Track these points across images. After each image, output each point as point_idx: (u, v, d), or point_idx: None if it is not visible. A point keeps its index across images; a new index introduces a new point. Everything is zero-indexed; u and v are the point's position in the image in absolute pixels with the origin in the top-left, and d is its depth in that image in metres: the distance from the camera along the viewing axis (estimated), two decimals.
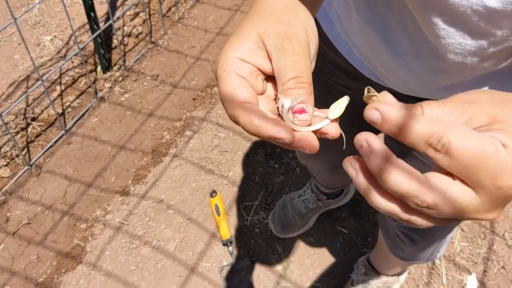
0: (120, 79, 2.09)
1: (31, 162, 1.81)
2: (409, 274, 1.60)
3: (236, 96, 0.40)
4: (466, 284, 1.59)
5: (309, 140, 0.40)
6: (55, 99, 2.01)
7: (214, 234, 1.69)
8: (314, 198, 1.63)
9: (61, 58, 2.15)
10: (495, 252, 1.65)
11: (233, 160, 1.86)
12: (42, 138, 1.90)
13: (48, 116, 1.95)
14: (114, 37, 2.19)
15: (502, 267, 1.62)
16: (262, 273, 1.62)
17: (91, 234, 1.68)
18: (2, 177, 1.78)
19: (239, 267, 1.61)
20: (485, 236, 1.68)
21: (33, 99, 2.00)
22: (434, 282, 1.59)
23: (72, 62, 2.13)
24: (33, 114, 1.95)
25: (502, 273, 1.61)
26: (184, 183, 1.80)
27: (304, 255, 1.66)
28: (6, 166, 1.81)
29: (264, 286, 1.59)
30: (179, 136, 1.93)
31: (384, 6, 0.66)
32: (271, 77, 0.44)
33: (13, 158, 1.83)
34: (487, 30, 0.53)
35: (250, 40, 0.43)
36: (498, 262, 1.63)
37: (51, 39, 2.23)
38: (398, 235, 1.13)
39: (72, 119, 1.95)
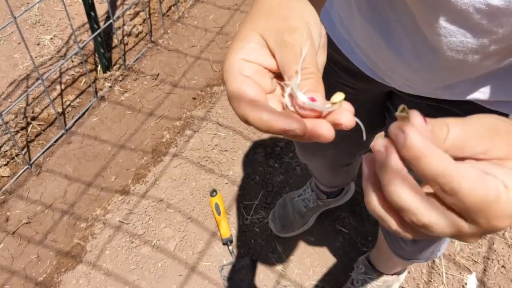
0: (120, 79, 2.09)
1: (31, 162, 1.81)
2: (409, 273, 1.60)
3: (243, 94, 0.40)
4: (466, 283, 1.59)
5: (322, 127, 0.39)
6: (55, 99, 2.01)
7: (214, 233, 1.69)
8: (314, 197, 1.63)
9: (61, 57, 2.15)
10: (495, 251, 1.65)
11: (233, 159, 1.86)
12: (42, 137, 1.90)
13: (48, 115, 1.95)
14: (114, 36, 2.19)
15: (502, 266, 1.62)
16: (262, 272, 1.62)
17: (91, 234, 1.68)
18: (2, 176, 1.78)
19: (239, 266, 1.61)
20: (485, 235, 1.68)
21: (33, 98, 2.00)
22: (434, 281, 1.59)
23: (72, 62, 2.13)
24: (33, 113, 1.95)
25: (502, 272, 1.61)
26: (184, 182, 1.80)
27: (304, 254, 1.66)
28: (6, 165, 1.81)
29: (264, 285, 1.59)
30: (179, 135, 1.93)
31: (385, 5, 0.66)
32: (281, 76, 0.44)
33: (13, 158, 1.83)
34: (489, 28, 0.53)
35: (252, 40, 0.43)
36: (498, 261, 1.63)
37: (51, 38, 2.23)
38: None
39: (72, 119, 1.95)
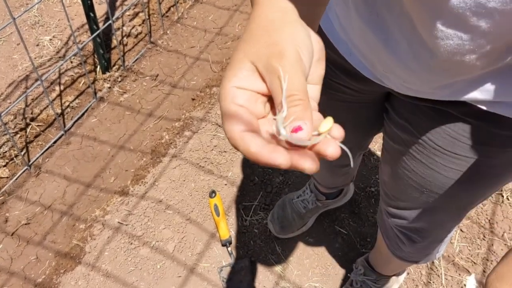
0: (119, 79, 2.09)
1: (30, 163, 1.81)
2: (408, 274, 1.60)
3: (233, 126, 0.41)
4: (465, 284, 1.59)
5: (305, 162, 0.40)
6: (54, 99, 2.01)
7: (213, 235, 1.69)
8: (313, 198, 1.62)
9: (60, 58, 2.15)
10: (494, 252, 1.65)
11: (232, 160, 1.86)
12: (41, 138, 1.90)
13: (47, 116, 1.95)
14: (114, 37, 2.19)
15: None
16: (261, 273, 1.62)
17: (90, 235, 1.68)
18: (1, 177, 1.78)
19: (238, 268, 1.60)
20: (484, 236, 1.68)
21: (32, 99, 2.00)
22: (433, 282, 1.59)
23: (71, 62, 2.13)
24: (32, 114, 1.95)
25: None
26: (183, 184, 1.80)
27: (303, 256, 1.66)
28: (5, 166, 1.81)
29: (263, 287, 1.59)
30: (178, 136, 1.93)
31: (382, 7, 0.66)
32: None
33: (12, 159, 1.83)
34: (486, 29, 0.53)
35: (243, 67, 0.44)
36: (497, 262, 1.63)
37: (50, 39, 2.23)
38: (397, 235, 1.12)
39: (71, 119, 1.95)
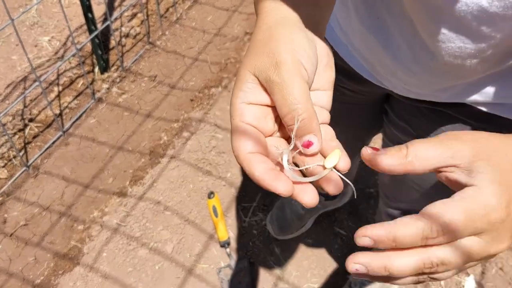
0: (117, 80, 2.09)
1: (29, 163, 1.81)
2: None
3: (240, 146, 0.41)
4: (464, 285, 1.59)
5: (306, 195, 0.41)
6: (53, 100, 2.00)
7: (211, 236, 1.69)
8: None
9: (58, 59, 2.15)
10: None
11: (230, 161, 1.86)
12: (39, 139, 1.90)
13: (45, 117, 1.95)
14: (112, 38, 2.19)
15: (500, 269, 1.62)
16: (260, 274, 1.62)
17: (88, 236, 1.67)
18: (0, 178, 1.78)
19: (237, 269, 1.60)
20: None
21: (30, 100, 2.00)
22: (432, 283, 1.59)
23: (69, 63, 2.13)
24: (30, 115, 1.95)
25: (500, 274, 1.61)
26: (181, 185, 1.80)
27: (302, 257, 1.66)
28: (3, 167, 1.80)
29: None
30: (177, 137, 1.92)
31: (382, 10, 0.66)
32: None
33: (10, 159, 1.83)
34: (488, 33, 0.54)
35: (248, 81, 0.43)
36: (496, 263, 1.63)
37: (49, 40, 2.23)
38: None
39: (69, 120, 1.95)
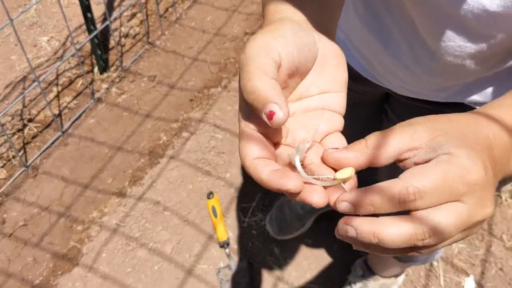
0: (117, 80, 2.08)
1: (28, 164, 1.80)
2: (406, 276, 1.60)
3: (246, 155, 0.41)
4: (464, 286, 1.59)
5: (314, 196, 0.40)
6: (52, 100, 2.00)
7: (211, 236, 1.68)
8: None
9: (58, 59, 2.15)
10: (493, 254, 1.65)
11: (230, 161, 1.86)
12: (38, 139, 1.89)
13: (44, 117, 1.95)
14: (111, 38, 2.18)
15: (500, 269, 1.61)
16: (260, 275, 1.62)
17: (88, 236, 1.67)
18: None
19: (237, 269, 1.60)
20: (483, 238, 1.68)
21: (29, 100, 2.00)
22: (431, 284, 1.59)
23: (69, 63, 2.13)
24: (29, 115, 1.95)
25: (500, 275, 1.61)
26: (181, 185, 1.80)
27: (301, 257, 1.66)
28: (2, 167, 1.80)
29: None
30: (176, 137, 1.92)
31: (382, 9, 0.66)
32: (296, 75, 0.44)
33: (9, 160, 1.82)
34: (488, 33, 0.54)
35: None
36: (496, 264, 1.63)
37: (48, 40, 2.22)
38: None
39: (69, 120, 1.94)
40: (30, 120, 1.93)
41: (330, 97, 0.45)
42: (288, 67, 0.42)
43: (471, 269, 1.62)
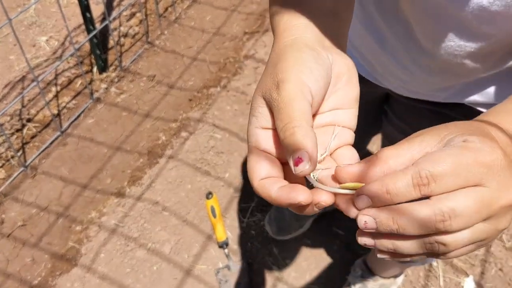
0: (116, 80, 2.08)
1: (27, 164, 1.80)
2: (406, 276, 1.59)
3: (254, 175, 0.42)
4: (463, 286, 1.58)
5: (323, 194, 0.40)
6: (51, 100, 2.00)
7: (210, 236, 1.68)
8: None
9: (57, 58, 2.14)
10: (493, 254, 1.64)
11: (229, 161, 1.85)
12: (37, 139, 1.89)
13: (43, 117, 1.94)
14: (110, 37, 2.18)
15: (500, 269, 1.61)
16: (259, 275, 1.61)
17: (86, 236, 1.67)
18: None
19: (235, 270, 1.60)
20: None
21: (28, 100, 1.99)
22: (431, 284, 1.59)
23: (68, 63, 2.12)
24: (28, 115, 1.94)
25: (499, 275, 1.60)
26: (180, 185, 1.79)
27: (300, 257, 1.65)
28: (1, 167, 1.80)
29: None
30: (175, 137, 1.92)
31: (375, 14, 0.66)
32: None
33: (8, 160, 1.82)
34: (488, 32, 0.53)
35: (259, 105, 0.44)
36: (495, 264, 1.62)
37: (47, 40, 2.22)
38: None
39: (67, 120, 1.94)
40: (29, 120, 1.93)
41: (340, 113, 0.46)
42: (316, 104, 0.43)
43: (471, 269, 1.62)
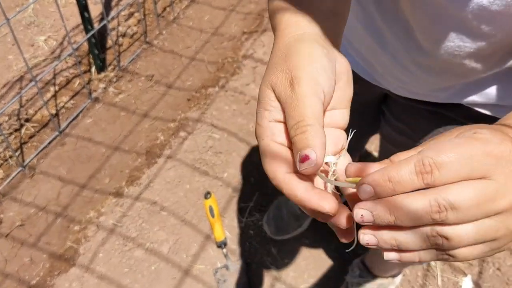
0: (114, 80, 2.08)
1: (25, 164, 1.80)
2: (404, 276, 1.60)
3: (276, 168, 0.40)
4: (461, 286, 1.59)
5: (343, 223, 0.40)
6: (49, 100, 2.00)
7: (208, 236, 1.68)
8: None
9: (55, 58, 2.14)
10: None
11: (227, 161, 1.86)
12: (35, 139, 1.89)
13: (41, 117, 1.94)
14: (109, 37, 2.18)
15: (498, 269, 1.61)
16: (257, 275, 1.61)
17: (84, 236, 1.67)
18: None
19: (234, 269, 1.60)
20: None
21: (26, 100, 1.99)
22: (429, 284, 1.59)
23: (66, 63, 2.12)
24: (26, 115, 1.94)
25: (497, 274, 1.60)
26: (178, 185, 1.79)
27: (299, 257, 1.65)
28: None
29: None
30: (174, 137, 1.92)
31: (375, 14, 0.65)
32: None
33: (6, 160, 1.82)
34: (488, 31, 0.53)
35: (271, 99, 0.43)
36: (493, 263, 1.62)
37: (45, 40, 2.22)
38: None
39: (66, 120, 1.94)
40: (27, 120, 1.93)
41: (338, 113, 0.46)
42: (326, 103, 0.43)
43: (469, 269, 1.62)
